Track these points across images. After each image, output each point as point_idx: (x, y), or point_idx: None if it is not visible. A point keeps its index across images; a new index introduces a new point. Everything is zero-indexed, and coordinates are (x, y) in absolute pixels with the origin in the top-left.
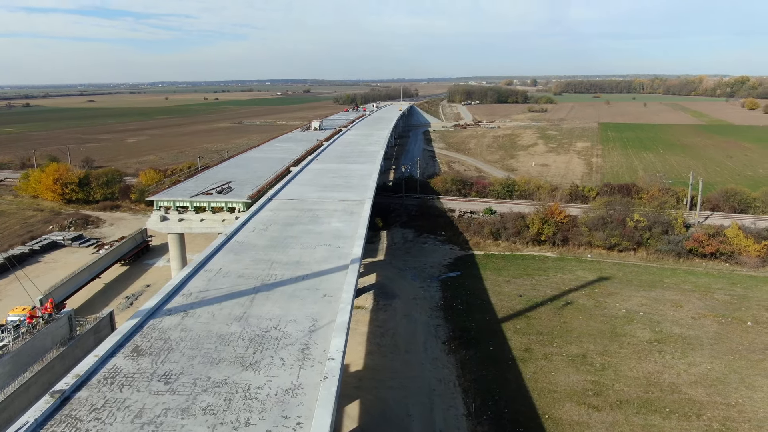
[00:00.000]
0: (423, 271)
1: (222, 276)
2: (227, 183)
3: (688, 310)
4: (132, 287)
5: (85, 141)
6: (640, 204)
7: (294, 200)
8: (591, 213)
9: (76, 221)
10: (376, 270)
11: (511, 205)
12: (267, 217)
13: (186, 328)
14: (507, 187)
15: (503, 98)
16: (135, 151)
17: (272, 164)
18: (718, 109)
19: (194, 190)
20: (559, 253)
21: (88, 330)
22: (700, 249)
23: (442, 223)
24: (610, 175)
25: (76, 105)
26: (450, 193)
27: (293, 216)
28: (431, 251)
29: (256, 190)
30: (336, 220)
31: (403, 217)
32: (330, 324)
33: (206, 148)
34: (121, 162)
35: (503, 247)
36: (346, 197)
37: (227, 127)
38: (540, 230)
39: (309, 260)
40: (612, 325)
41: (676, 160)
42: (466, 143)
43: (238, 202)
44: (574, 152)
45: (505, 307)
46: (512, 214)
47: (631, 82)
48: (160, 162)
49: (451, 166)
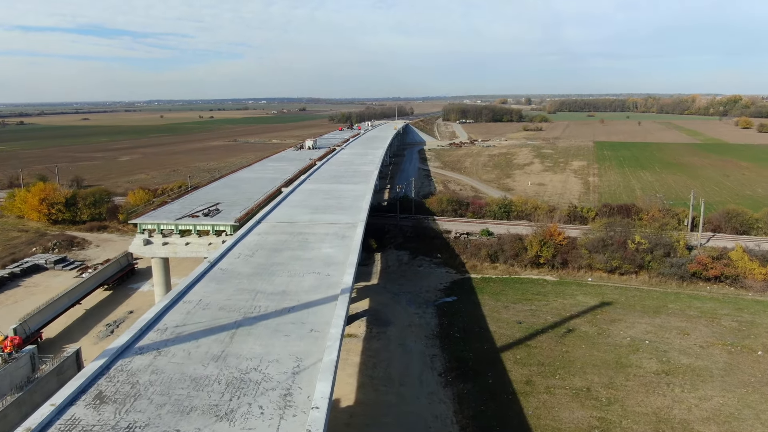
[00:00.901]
0: (418, 296)
1: (202, 308)
2: (215, 205)
3: (696, 338)
4: (114, 314)
5: (77, 159)
6: (640, 225)
7: (284, 223)
8: (591, 235)
9: (61, 243)
10: (370, 295)
11: (509, 226)
12: (254, 242)
13: (157, 370)
14: (504, 207)
15: (498, 117)
16: (126, 169)
17: (263, 185)
18: (712, 127)
19: (180, 212)
20: (558, 277)
21: (51, 371)
22: (704, 272)
23: (438, 245)
24: (608, 195)
25: (71, 123)
26: (446, 214)
27: (282, 240)
28: (427, 275)
29: (245, 212)
30: (327, 245)
31: (398, 238)
32: (316, 364)
33: (199, 167)
34: (112, 181)
35: (501, 270)
36: (338, 220)
37: (221, 146)
38: (539, 253)
39: (296, 290)
40: (617, 354)
41: (673, 179)
42: (461, 162)
43: (225, 225)
44: (571, 171)
45: (504, 335)
46: (510, 235)
47: (624, 101)
48: (151, 181)
49: (446, 186)
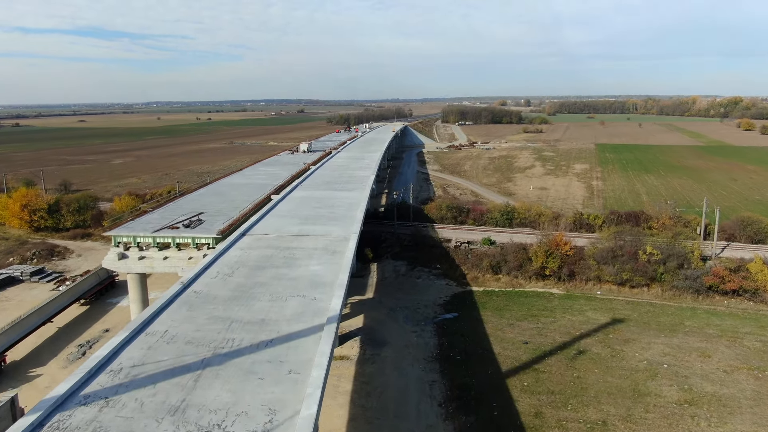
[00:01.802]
0: (416, 311)
1: (166, 341)
2: (198, 215)
3: (718, 361)
4: (89, 332)
5: (70, 162)
6: (651, 234)
7: (270, 236)
8: (599, 244)
9: (40, 252)
10: (364, 310)
11: (512, 234)
12: (235, 258)
13: (101, 427)
14: (506, 214)
15: (498, 119)
16: (118, 173)
17: (252, 191)
18: (714, 129)
19: (159, 223)
20: (565, 290)
21: None
22: (721, 285)
23: (438, 255)
24: (613, 200)
25: (67, 125)
26: (445, 221)
27: (266, 256)
28: (425, 287)
29: (229, 223)
30: (315, 261)
31: (395, 247)
32: (293, 418)
33: (192, 170)
34: (101, 185)
35: (504, 282)
36: (329, 232)
37: (217, 148)
38: (544, 264)
39: (277, 318)
40: (633, 380)
41: (679, 183)
42: (461, 165)
43: (206, 238)
44: (573, 175)
45: (509, 358)
46: (513, 245)
47: (624, 103)
48: (142, 185)
49: (446, 190)
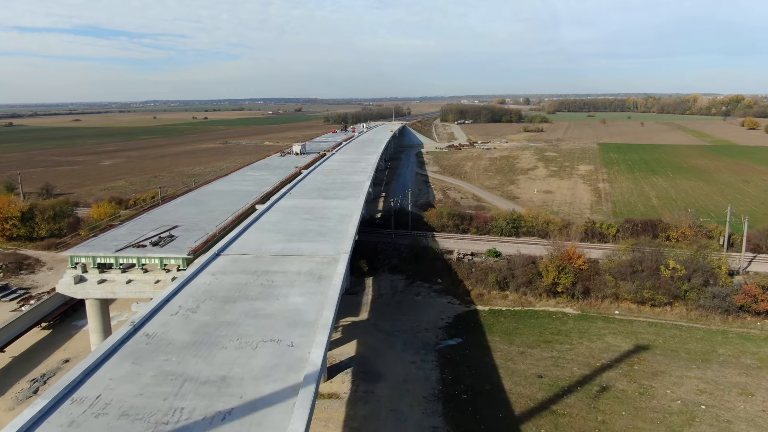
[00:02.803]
0: (416, 335)
1: (95, 414)
2: (171, 229)
3: (763, 401)
4: (45, 363)
5: (58, 164)
6: (671, 246)
7: (248, 256)
8: (615, 257)
9: (8, 265)
10: (358, 335)
11: (519, 244)
12: (204, 287)
13: None
14: (512, 222)
15: (497, 117)
16: (106, 175)
17: (236, 200)
18: (717, 128)
19: (125, 240)
20: (580, 309)
21: None
22: (753, 305)
23: (439, 268)
24: (621, 204)
25: (61, 124)
26: (447, 229)
27: (240, 284)
28: (426, 306)
29: (203, 240)
30: (297, 291)
31: (392, 259)
32: None
33: (183, 172)
34: (86, 188)
35: (512, 300)
36: (316, 250)
37: (211, 148)
38: (556, 279)
39: (242, 374)
40: (668, 426)
41: (689, 185)
42: (461, 166)
43: (176, 258)
44: (578, 176)
45: (522, 396)
46: (521, 257)
47: (624, 101)
48: (129, 188)
49: (446, 193)
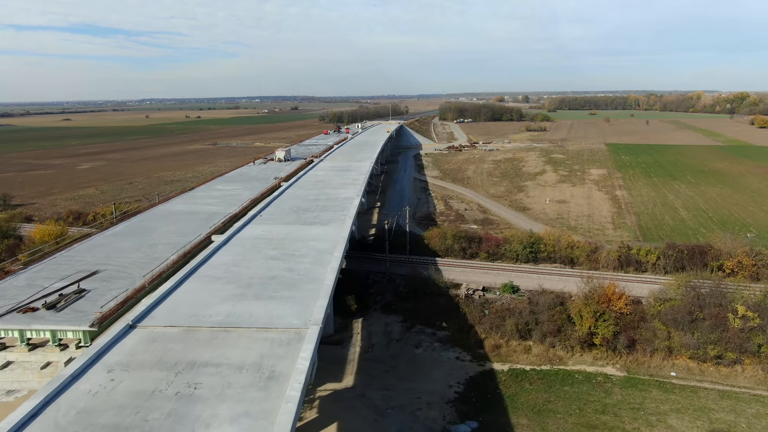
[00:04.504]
0: (415, 416)
1: None
2: (85, 278)
3: None
4: None
5: (32, 167)
6: (723, 277)
7: (174, 330)
8: (663, 296)
9: None
10: (338, 414)
11: (539, 275)
12: (85, 399)
13: None
14: (529, 246)
15: (497, 116)
16: (78, 181)
17: (192, 227)
18: (726, 127)
19: (16, 296)
20: (624, 367)
21: None
22: None
23: (443, 307)
24: (646, 216)
25: (50, 124)
26: (452, 254)
27: (143, 395)
28: (429, 365)
29: (122, 299)
30: (227, 412)
31: (386, 293)
32: None
33: (162, 178)
34: (51, 198)
35: (537, 354)
36: (275, 317)
37: (199, 150)
38: (593, 329)
39: None
40: None
41: (715, 192)
42: (463, 170)
43: (74, 331)
44: (591, 182)
45: None
46: (546, 296)
47: (626, 99)
48: (97, 197)
49: (448, 203)
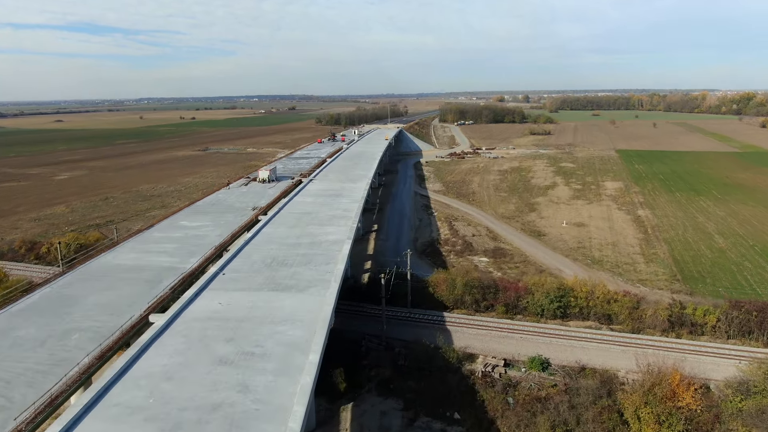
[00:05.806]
0: None
1: None
2: None
3: None
4: None
5: (7, 178)
6: None
7: None
8: (747, 389)
9: None
10: None
11: (574, 343)
12: None
13: None
14: (557, 300)
15: (499, 117)
16: (50, 195)
17: (131, 295)
18: (736, 129)
19: None
20: None
21: None
22: None
23: (454, 389)
24: (679, 245)
25: (42, 126)
26: (463, 305)
27: None
28: None
29: None
30: None
31: (384, 367)
32: None
33: (141, 192)
34: (14, 218)
35: None
36: None
37: (187, 156)
38: None
39: None
40: None
41: (749, 212)
42: (467, 183)
43: None
44: (609, 198)
45: None
46: (585, 379)
47: (629, 99)
48: (66, 217)
49: (453, 227)
